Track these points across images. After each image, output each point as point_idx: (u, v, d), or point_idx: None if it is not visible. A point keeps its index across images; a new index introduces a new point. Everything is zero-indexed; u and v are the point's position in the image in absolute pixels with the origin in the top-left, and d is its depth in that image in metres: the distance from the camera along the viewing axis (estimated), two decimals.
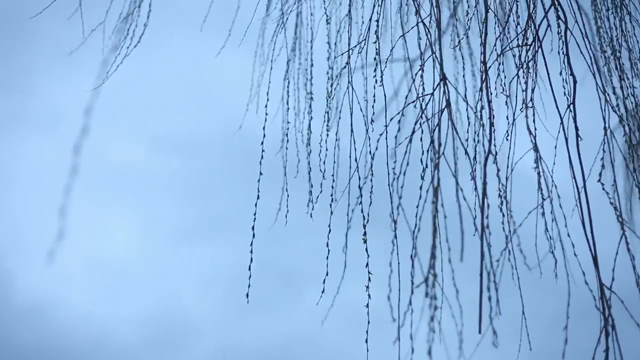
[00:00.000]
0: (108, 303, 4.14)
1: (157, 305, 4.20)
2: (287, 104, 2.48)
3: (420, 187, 1.79)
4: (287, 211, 2.21)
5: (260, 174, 2.25)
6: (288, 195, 2.10)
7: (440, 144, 1.79)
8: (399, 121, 1.93)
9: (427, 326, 1.74)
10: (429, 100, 1.93)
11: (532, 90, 2.23)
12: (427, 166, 1.77)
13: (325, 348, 4.14)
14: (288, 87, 2.53)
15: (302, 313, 4.15)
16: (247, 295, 2.04)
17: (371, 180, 1.99)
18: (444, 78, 1.95)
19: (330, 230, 1.96)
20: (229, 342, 4.15)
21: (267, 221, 4.17)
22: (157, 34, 2.65)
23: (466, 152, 1.85)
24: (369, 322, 1.74)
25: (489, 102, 2.03)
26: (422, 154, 1.78)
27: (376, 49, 2.15)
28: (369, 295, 1.87)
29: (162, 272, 4.29)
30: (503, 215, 1.94)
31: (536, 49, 2.22)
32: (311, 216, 2.20)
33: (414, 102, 1.95)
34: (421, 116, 1.87)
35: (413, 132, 1.89)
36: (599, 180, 1.95)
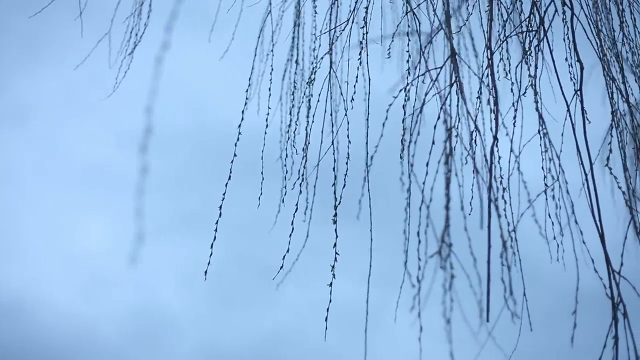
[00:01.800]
0: (88, 301, 4.08)
1: (137, 302, 4.15)
2: (275, 98, 2.45)
3: (428, 162, 1.76)
4: (259, 205, 2.16)
5: (230, 172, 2.21)
6: (262, 192, 2.07)
7: (451, 116, 1.76)
8: (408, 91, 1.89)
9: (443, 293, 1.71)
10: (439, 73, 1.90)
11: (538, 78, 2.21)
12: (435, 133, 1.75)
13: (307, 344, 4.11)
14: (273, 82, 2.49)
15: (282, 309, 4.12)
16: (206, 272, 2.00)
17: (346, 163, 1.97)
18: (453, 53, 1.92)
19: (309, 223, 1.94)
20: (211, 338, 4.11)
21: (244, 216, 4.15)
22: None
23: (476, 127, 1.83)
24: (330, 301, 1.71)
25: (495, 86, 2.00)
26: (435, 123, 1.76)
27: (364, 20, 2.12)
28: (333, 275, 1.83)
29: (140, 269, 4.23)
30: (505, 203, 1.93)
31: (541, 36, 2.20)
32: (308, 214, 2.16)
33: (423, 74, 1.92)
34: (432, 87, 1.85)
35: (423, 102, 1.87)
36: (606, 165, 1.93)
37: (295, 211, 2.34)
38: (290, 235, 1.92)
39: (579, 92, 2.06)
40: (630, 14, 2.37)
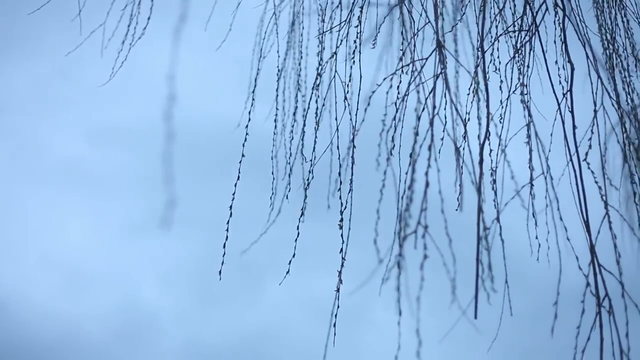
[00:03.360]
0: (70, 299, 4.05)
1: (120, 300, 4.13)
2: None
3: (413, 147, 1.77)
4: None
5: (239, 172, 2.22)
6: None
7: (435, 106, 1.76)
8: (391, 80, 1.90)
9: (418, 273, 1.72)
10: (424, 64, 1.91)
11: (529, 76, 2.22)
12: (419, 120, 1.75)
13: (290, 340, 4.10)
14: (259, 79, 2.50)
15: (265, 305, 4.11)
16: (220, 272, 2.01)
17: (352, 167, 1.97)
18: (439, 45, 1.93)
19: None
20: (194, 336, 4.09)
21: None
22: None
23: (460, 118, 1.83)
24: (338, 307, 1.71)
25: (485, 82, 2.00)
26: (417, 112, 1.76)
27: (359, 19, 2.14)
28: (340, 280, 1.83)
29: (120, 266, 4.22)
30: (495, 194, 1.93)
31: (532, 33, 2.21)
32: (305, 211, 2.16)
33: (408, 64, 1.93)
34: (415, 78, 1.86)
35: (406, 93, 1.88)
36: (584, 160, 1.93)
37: (271, 209, 2.34)
38: (296, 240, 1.94)
39: (569, 93, 2.07)
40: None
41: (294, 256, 2.10)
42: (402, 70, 1.92)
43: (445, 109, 1.83)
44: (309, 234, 2.13)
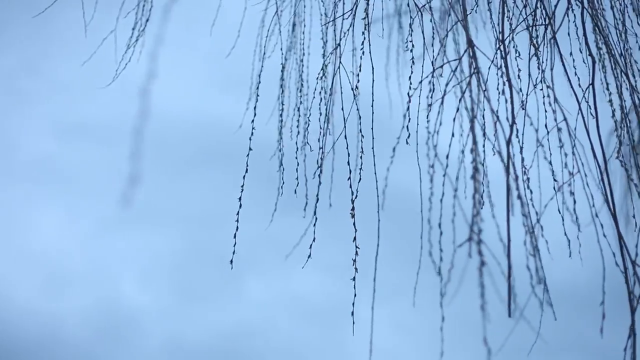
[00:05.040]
0: (49, 298, 3.97)
1: (99, 298, 4.06)
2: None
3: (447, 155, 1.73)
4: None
5: (247, 165, 2.17)
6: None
7: (472, 108, 1.75)
8: (431, 82, 1.88)
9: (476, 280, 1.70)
10: (457, 65, 1.89)
11: (550, 70, 2.22)
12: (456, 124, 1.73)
13: (272, 337, 4.08)
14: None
15: (246, 302, 4.09)
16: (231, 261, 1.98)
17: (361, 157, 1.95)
18: (470, 44, 1.91)
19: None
20: (175, 333, 4.05)
21: (206, 209, 4.09)
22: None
23: (497, 117, 1.82)
24: (355, 295, 1.69)
25: (509, 79, 1.99)
26: (455, 114, 1.74)
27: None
28: (355, 269, 1.80)
29: (98, 263, 4.15)
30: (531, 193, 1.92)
31: (553, 29, 2.21)
32: (308, 211, 2.12)
33: (441, 66, 1.91)
34: (452, 78, 1.84)
35: (444, 93, 1.86)
36: (617, 157, 1.94)
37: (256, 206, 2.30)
38: (311, 245, 1.90)
39: (591, 86, 2.07)
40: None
41: (310, 256, 2.03)
42: (438, 73, 1.89)
43: (484, 110, 1.82)
44: (290, 229, 2.10)
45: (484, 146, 1.91)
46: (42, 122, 4.19)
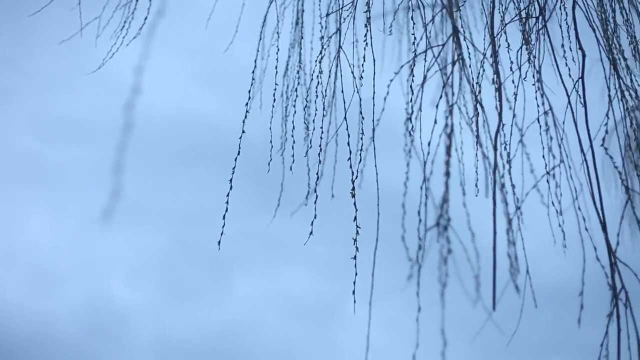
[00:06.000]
0: (37, 297, 3.96)
1: (88, 296, 4.04)
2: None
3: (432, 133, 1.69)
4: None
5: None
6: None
7: (453, 93, 1.72)
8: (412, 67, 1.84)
9: (439, 267, 1.66)
10: (440, 51, 1.86)
11: (540, 63, 2.19)
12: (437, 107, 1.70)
13: (260, 334, 4.05)
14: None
15: (234, 300, 4.06)
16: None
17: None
18: (455, 31, 1.88)
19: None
20: (163, 330, 4.02)
21: (194, 206, 4.06)
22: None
23: (480, 103, 1.78)
24: (356, 274, 1.64)
25: (497, 68, 1.96)
26: (438, 102, 1.71)
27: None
28: (356, 248, 1.75)
29: (85, 262, 4.13)
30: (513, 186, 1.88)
31: (544, 21, 2.18)
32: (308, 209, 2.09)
33: (424, 52, 1.88)
34: (433, 64, 1.81)
35: (424, 79, 1.83)
36: (602, 145, 1.90)
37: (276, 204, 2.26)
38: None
39: (580, 80, 2.04)
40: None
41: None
42: (423, 57, 1.86)
43: (463, 97, 1.78)
44: (278, 228, 2.07)
45: (460, 133, 1.88)
46: (24, 120, 4.16)
